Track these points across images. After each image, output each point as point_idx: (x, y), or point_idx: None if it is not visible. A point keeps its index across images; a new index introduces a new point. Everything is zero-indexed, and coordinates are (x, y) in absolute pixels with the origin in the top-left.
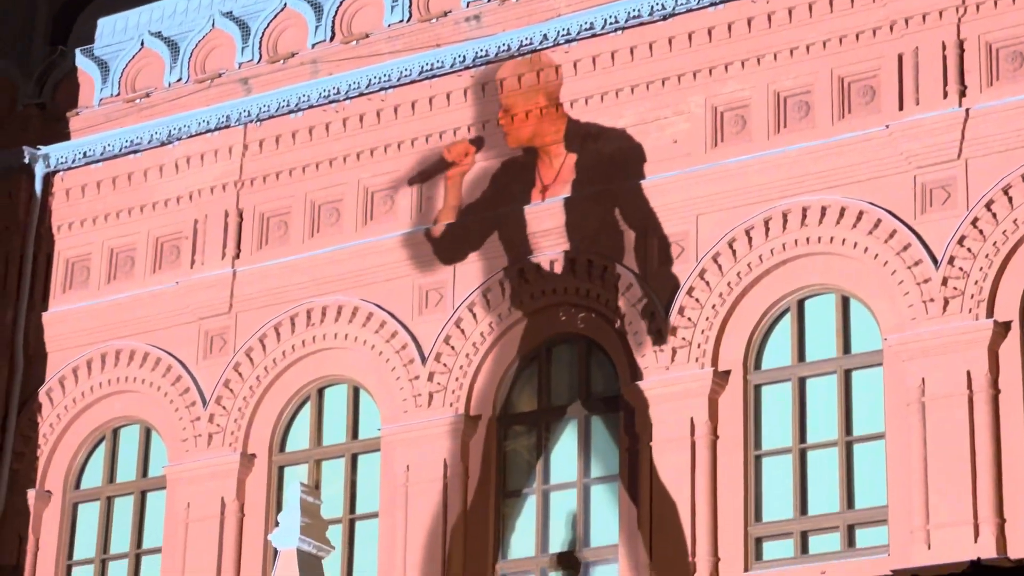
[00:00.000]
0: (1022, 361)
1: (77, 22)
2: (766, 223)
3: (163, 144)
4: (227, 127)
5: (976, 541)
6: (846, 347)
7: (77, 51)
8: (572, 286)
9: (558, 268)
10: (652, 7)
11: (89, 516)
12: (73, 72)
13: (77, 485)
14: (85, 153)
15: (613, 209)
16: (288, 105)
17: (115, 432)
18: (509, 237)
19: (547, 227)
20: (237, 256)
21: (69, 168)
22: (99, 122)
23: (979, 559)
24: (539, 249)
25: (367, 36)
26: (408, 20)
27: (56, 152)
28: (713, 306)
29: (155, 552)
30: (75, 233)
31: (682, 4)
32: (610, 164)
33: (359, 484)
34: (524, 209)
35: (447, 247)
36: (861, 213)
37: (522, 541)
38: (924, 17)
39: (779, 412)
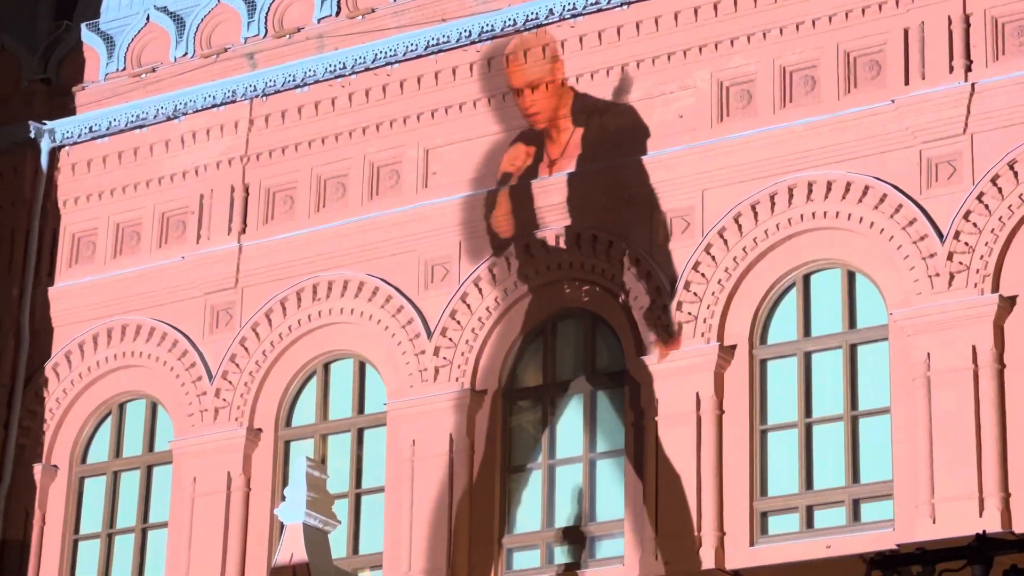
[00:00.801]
0: None
1: None
2: (771, 198)
3: (169, 119)
4: (233, 102)
5: (981, 515)
6: (851, 322)
7: (83, 26)
8: (578, 261)
9: (564, 243)
10: None
11: (95, 491)
12: (79, 47)
13: (83, 459)
14: (91, 128)
15: (619, 184)
16: (294, 80)
17: (121, 407)
18: (516, 211)
19: (553, 202)
20: (243, 231)
21: (75, 143)
22: (105, 97)
23: (984, 532)
24: (545, 224)
25: (373, 11)
26: None
27: (62, 127)
28: (719, 281)
29: (161, 527)
30: (81, 208)
31: None
32: (616, 139)
33: (365, 459)
34: (531, 184)
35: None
36: (867, 188)
37: (527, 516)
38: None
39: (785, 387)
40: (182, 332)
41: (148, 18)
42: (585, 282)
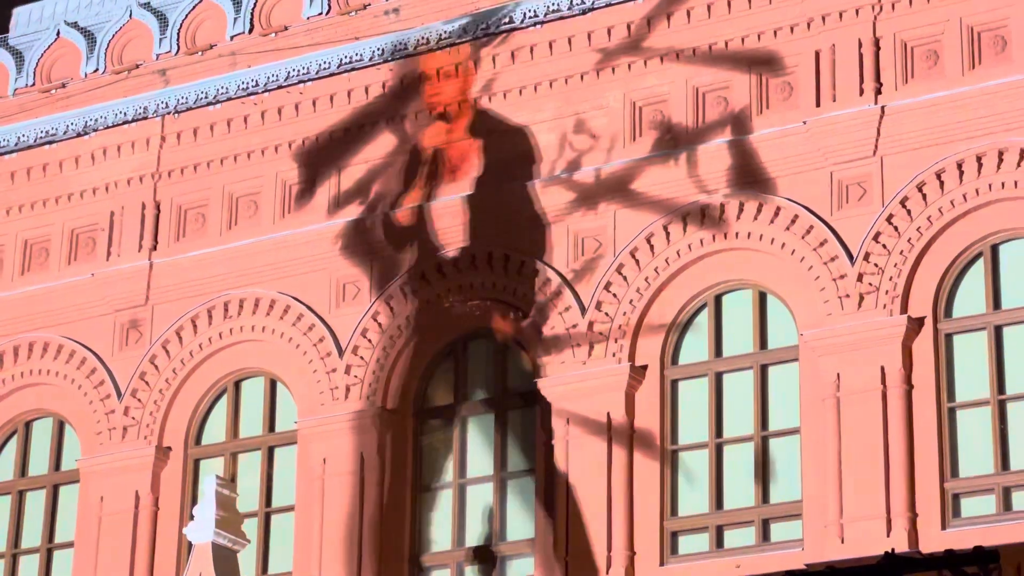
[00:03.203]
0: (935, 357)
1: None
2: (684, 218)
3: (79, 135)
4: (144, 119)
5: (889, 535)
6: (763, 342)
7: None
8: (490, 281)
9: (475, 263)
10: (571, 1)
11: (0, 510)
12: None
13: None
14: None
15: (526, 204)
16: (206, 97)
17: (27, 425)
18: (425, 230)
19: (460, 221)
20: (154, 248)
21: None
22: (13, 112)
23: (892, 551)
24: (454, 243)
25: (286, 28)
26: (327, 13)
27: None
28: (631, 301)
29: (67, 547)
30: None
31: None
32: (517, 161)
33: (275, 477)
34: (438, 203)
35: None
36: (778, 209)
37: (438, 535)
38: (840, 15)
39: (696, 407)
40: (91, 350)
41: (59, 33)
42: (495, 302)
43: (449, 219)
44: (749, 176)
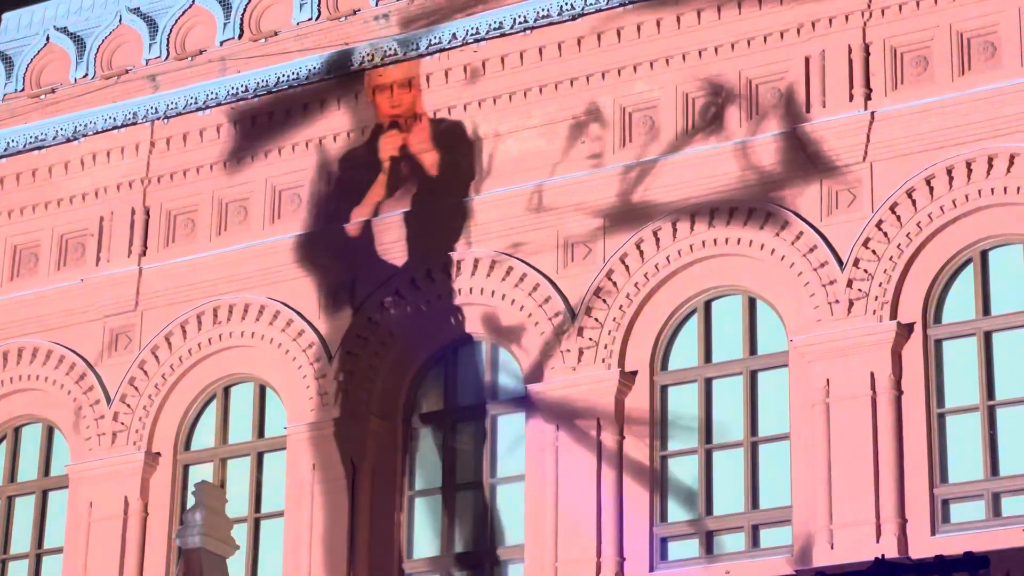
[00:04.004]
0: (924, 363)
1: None
2: (674, 225)
3: (69, 140)
4: (134, 124)
5: (878, 541)
6: (752, 348)
7: None
8: (477, 286)
9: (464, 268)
10: (561, 7)
11: None
12: None
13: None
14: None
15: (523, 208)
16: (196, 102)
17: (17, 430)
18: (412, 237)
19: (455, 225)
20: (143, 253)
21: None
22: (3, 118)
23: (882, 556)
24: (442, 250)
25: (275, 34)
26: (317, 18)
27: None
28: (620, 307)
29: (56, 552)
30: None
31: (591, 4)
32: (518, 165)
33: (264, 483)
34: (421, 210)
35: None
36: (768, 215)
37: (428, 541)
38: (830, 21)
39: (685, 412)
40: (80, 355)
41: (48, 38)
42: (485, 308)
43: (441, 223)
44: (739, 181)
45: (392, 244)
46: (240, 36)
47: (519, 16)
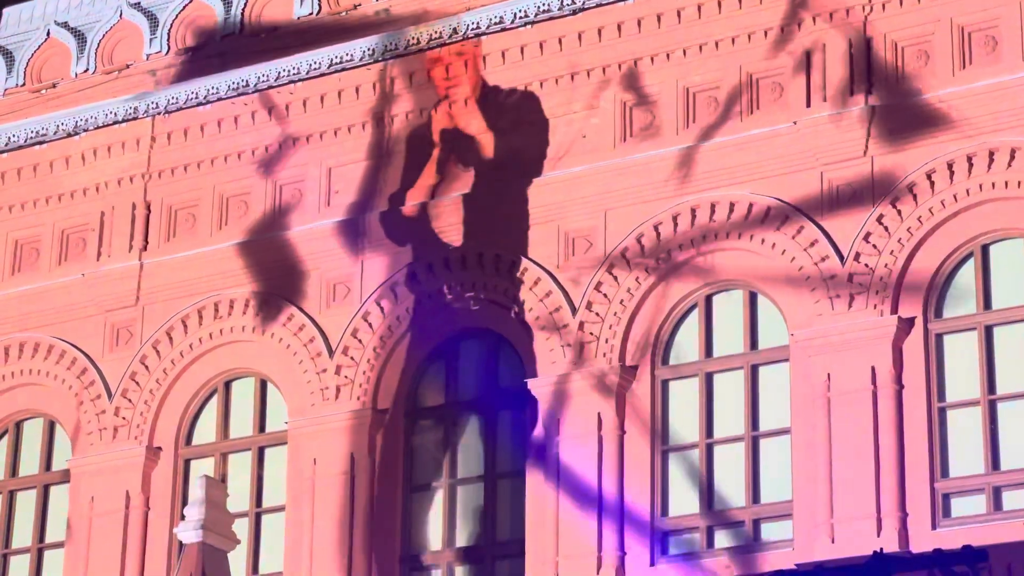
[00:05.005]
0: (925, 357)
1: None
2: (674, 219)
3: (70, 135)
4: (135, 119)
5: (879, 535)
6: (753, 342)
7: None
8: (480, 280)
9: (466, 262)
10: (562, 1)
11: None
12: None
13: None
14: None
15: (520, 203)
16: (196, 97)
17: (18, 425)
18: (420, 230)
19: (453, 221)
20: (144, 248)
21: None
22: (4, 112)
23: (881, 550)
24: (447, 242)
25: (275, 29)
26: (318, 13)
27: None
28: (621, 301)
29: (58, 547)
30: None
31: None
32: (516, 159)
33: (265, 477)
34: (434, 202)
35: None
36: (769, 209)
37: (429, 535)
38: (831, 15)
39: (686, 407)
40: (81, 350)
41: (49, 33)
42: (487, 301)
43: (444, 217)
44: (739, 176)
45: (392, 242)
46: (240, 31)
47: (519, 11)
